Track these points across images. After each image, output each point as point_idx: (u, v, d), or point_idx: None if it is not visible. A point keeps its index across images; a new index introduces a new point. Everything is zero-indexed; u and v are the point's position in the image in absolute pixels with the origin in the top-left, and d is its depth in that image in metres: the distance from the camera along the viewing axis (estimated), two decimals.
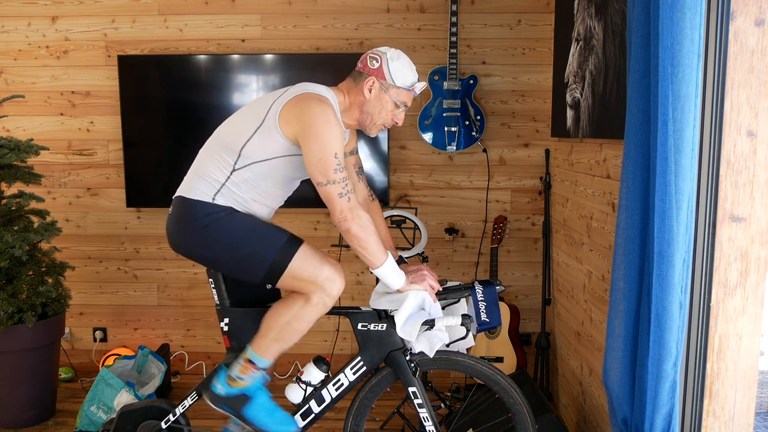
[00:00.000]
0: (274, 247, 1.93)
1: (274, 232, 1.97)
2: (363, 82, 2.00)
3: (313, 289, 1.93)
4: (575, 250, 2.74)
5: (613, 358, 1.79)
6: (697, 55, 1.46)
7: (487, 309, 2.08)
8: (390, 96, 2.00)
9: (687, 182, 1.50)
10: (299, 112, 1.89)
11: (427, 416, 2.07)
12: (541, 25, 3.25)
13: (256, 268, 1.94)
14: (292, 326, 1.95)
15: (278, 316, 1.97)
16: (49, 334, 2.89)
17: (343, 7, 3.28)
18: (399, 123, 2.08)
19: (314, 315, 1.95)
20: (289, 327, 1.96)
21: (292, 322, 1.95)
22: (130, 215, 3.49)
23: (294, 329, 1.96)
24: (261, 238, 1.94)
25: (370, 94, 2.01)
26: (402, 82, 1.99)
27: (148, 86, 3.27)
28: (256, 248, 1.93)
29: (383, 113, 2.03)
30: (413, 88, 2.02)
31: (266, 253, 1.93)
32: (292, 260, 1.93)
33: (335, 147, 1.86)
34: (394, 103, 2.01)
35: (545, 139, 3.33)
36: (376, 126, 2.06)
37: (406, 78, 2.00)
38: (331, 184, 1.86)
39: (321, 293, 1.93)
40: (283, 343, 1.98)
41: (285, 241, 1.95)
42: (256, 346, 2.00)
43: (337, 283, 1.95)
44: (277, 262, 1.93)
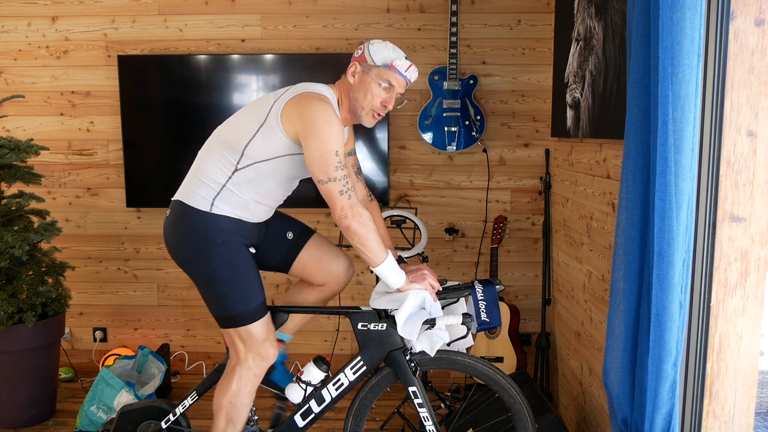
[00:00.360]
0: (246, 305, 2.00)
1: (253, 290, 2.02)
2: (348, 69, 2.03)
3: (246, 357, 2.04)
4: (575, 250, 2.74)
5: (613, 358, 1.79)
6: (697, 55, 1.46)
7: (487, 309, 2.08)
8: (371, 77, 1.99)
9: (687, 182, 1.50)
10: (300, 110, 1.90)
11: (427, 416, 2.07)
12: (541, 25, 3.25)
13: (219, 309, 2.02)
14: (235, 404, 2.06)
15: (220, 400, 2.08)
16: (49, 334, 2.89)
17: (343, 7, 3.28)
18: (389, 106, 2.02)
19: (250, 385, 2.06)
20: (232, 405, 2.06)
21: (233, 400, 2.05)
22: (130, 215, 3.49)
23: (237, 406, 2.06)
24: (239, 290, 1.99)
25: (354, 79, 2.02)
26: (381, 61, 1.98)
27: (148, 86, 3.27)
28: (231, 296, 1.99)
29: (368, 96, 2.00)
30: (393, 65, 1.98)
31: (235, 306, 1.99)
32: (250, 325, 2.01)
33: (336, 145, 1.87)
34: (378, 84, 1.98)
35: (545, 139, 3.33)
36: (365, 111, 2.02)
37: (385, 57, 1.98)
38: (332, 182, 1.87)
39: (255, 360, 2.04)
40: (235, 422, 2.08)
41: (257, 305, 2.02)
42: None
43: (267, 362, 2.06)
44: (237, 318, 2.00)
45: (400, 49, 2.02)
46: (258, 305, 2.01)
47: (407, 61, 2.00)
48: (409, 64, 2.00)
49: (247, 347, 2.03)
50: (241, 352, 2.03)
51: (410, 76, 2.02)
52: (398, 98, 2.06)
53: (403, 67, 1.99)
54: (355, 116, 2.06)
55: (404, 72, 2.00)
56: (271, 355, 2.05)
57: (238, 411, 2.07)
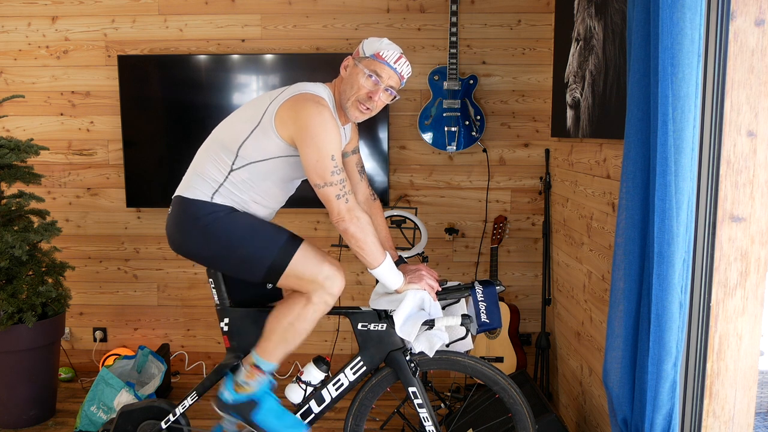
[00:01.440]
0: (275, 246, 1.93)
1: (274, 231, 1.97)
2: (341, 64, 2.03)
3: (314, 288, 1.93)
4: (575, 250, 2.74)
5: (613, 358, 1.79)
6: (697, 55, 1.46)
7: (487, 309, 2.08)
8: (360, 68, 1.97)
9: (687, 182, 1.50)
10: (295, 114, 1.88)
11: (427, 416, 2.07)
12: (541, 25, 3.25)
13: (257, 267, 1.94)
14: (295, 327, 1.95)
15: (281, 318, 1.97)
16: (49, 334, 2.89)
17: (343, 7, 3.28)
18: (374, 98, 1.96)
19: (316, 314, 1.95)
20: (292, 328, 1.95)
21: (295, 323, 1.95)
22: (130, 215, 3.49)
23: (297, 330, 1.96)
24: (261, 238, 1.94)
25: (345, 72, 2.01)
26: (370, 51, 1.97)
27: (148, 86, 3.27)
28: (257, 247, 1.93)
29: (354, 86, 1.96)
30: (379, 54, 1.94)
31: (266, 253, 1.92)
32: (292, 259, 1.93)
33: (332, 149, 1.85)
34: (364, 74, 1.95)
35: (545, 139, 3.33)
36: (350, 102, 1.98)
37: (374, 48, 1.97)
38: (329, 186, 1.86)
39: (322, 292, 1.93)
40: (287, 344, 1.98)
41: (285, 240, 1.95)
42: (261, 349, 2.00)
43: (337, 282, 1.95)
44: (277, 262, 1.92)
45: (396, 45, 1.99)
46: (287, 239, 1.94)
47: (396, 53, 1.96)
48: (398, 56, 1.96)
49: (308, 280, 1.93)
50: (308, 285, 1.93)
51: (401, 69, 1.97)
52: (388, 93, 2.00)
53: (391, 59, 1.95)
54: (344, 110, 2.02)
55: (392, 63, 1.95)
56: (336, 273, 1.94)
57: (295, 335, 1.96)
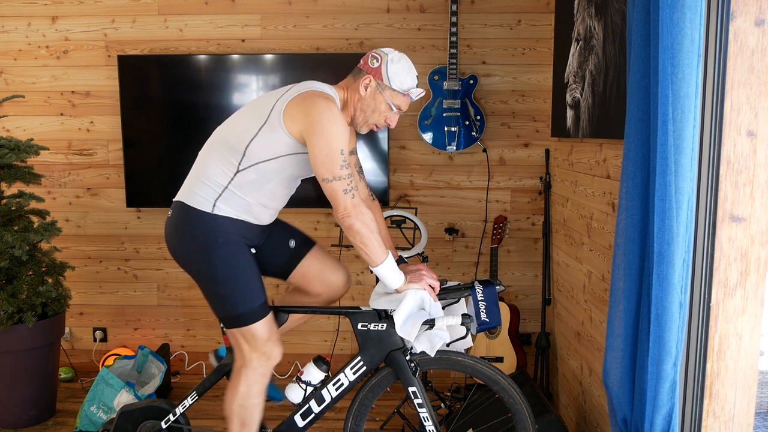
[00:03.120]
0: (250, 304, 1.99)
1: (255, 290, 2.01)
2: (360, 79, 2.01)
3: (251, 357, 2.03)
4: (575, 250, 2.74)
5: (613, 358, 1.79)
6: (697, 55, 1.46)
7: (487, 309, 2.08)
8: (384, 97, 2.00)
9: (687, 182, 1.50)
10: (305, 109, 1.89)
11: (427, 416, 2.07)
12: (541, 25, 3.25)
13: (225, 309, 2.00)
14: (245, 406, 2.06)
15: (230, 404, 2.07)
16: (49, 334, 2.89)
17: (343, 7, 3.28)
18: (392, 125, 2.08)
19: (258, 385, 2.05)
20: (243, 408, 2.06)
21: (243, 402, 2.05)
22: (130, 215, 3.49)
23: (248, 408, 2.06)
24: (242, 290, 1.99)
25: (365, 92, 2.01)
26: (398, 86, 1.99)
27: (148, 86, 3.27)
28: (233, 295, 1.98)
29: (376, 113, 2.03)
30: (408, 93, 2.01)
31: (240, 304, 1.98)
32: (253, 324, 2.00)
33: (341, 143, 1.87)
34: (389, 104, 2.01)
35: (545, 139, 3.33)
36: (367, 125, 2.06)
37: (403, 82, 1.99)
38: (337, 180, 1.86)
39: (260, 357, 2.02)
40: (249, 424, 2.07)
41: (260, 304, 2.01)
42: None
43: (272, 361, 2.05)
44: (242, 317, 1.99)
45: (413, 67, 2.03)
46: (260, 304, 2.01)
47: (420, 89, 2.03)
48: (421, 92, 2.04)
49: (252, 347, 2.02)
50: (246, 352, 2.03)
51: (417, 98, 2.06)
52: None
53: (416, 95, 2.03)
54: (353, 123, 2.08)
55: (415, 98, 2.04)
56: (275, 354, 2.04)
57: (249, 413, 2.06)
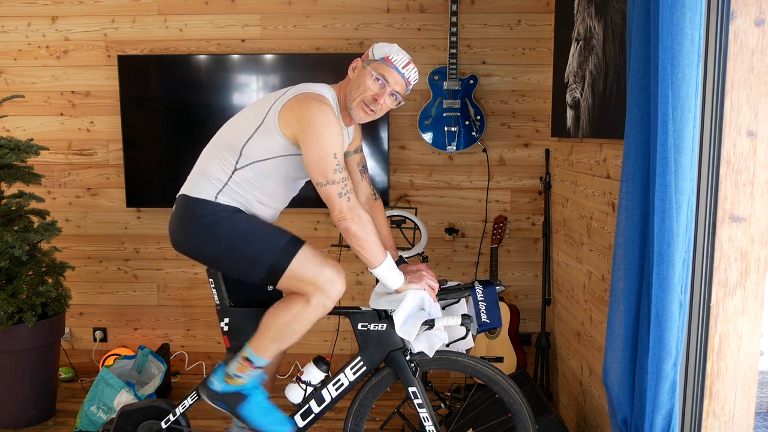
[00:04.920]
0: (276, 247, 1.93)
1: (275, 232, 1.97)
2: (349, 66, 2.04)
3: (313, 291, 1.92)
4: (575, 250, 2.74)
5: (613, 358, 1.79)
6: (697, 55, 1.46)
7: (487, 309, 2.08)
8: (368, 70, 1.98)
9: (687, 182, 1.50)
10: (298, 112, 1.90)
11: (427, 416, 2.07)
12: (541, 25, 3.25)
13: (257, 268, 1.94)
14: (291, 326, 1.95)
15: (277, 316, 1.97)
16: (49, 334, 2.89)
17: (343, 7, 3.28)
18: (380, 102, 1.98)
19: (313, 316, 1.95)
20: (288, 327, 1.95)
21: (291, 322, 1.94)
22: (130, 215, 3.49)
23: (293, 329, 1.96)
24: (262, 239, 1.94)
25: (353, 73, 2.03)
26: (379, 54, 1.99)
27: (148, 86, 3.27)
28: (258, 248, 1.93)
29: (361, 87, 1.98)
30: (388, 58, 1.97)
31: (267, 254, 1.92)
32: (292, 261, 1.92)
33: (334, 147, 1.87)
34: (372, 75, 1.97)
35: (545, 139, 3.33)
36: (355, 102, 1.99)
37: (384, 52, 1.99)
38: (331, 185, 1.87)
39: (321, 295, 1.92)
40: (281, 342, 1.98)
41: (286, 241, 1.95)
42: (255, 344, 2.00)
43: (337, 286, 1.94)
44: (277, 263, 1.92)
45: (402, 50, 2.01)
46: (288, 241, 1.94)
47: (405, 59, 1.98)
48: (407, 62, 1.99)
49: (308, 282, 1.91)
50: (307, 287, 1.91)
51: (408, 75, 1.99)
52: (393, 98, 2.01)
53: (400, 63, 1.97)
54: (349, 111, 2.04)
55: (401, 68, 1.97)
56: (336, 277, 1.93)
57: (290, 335, 1.96)
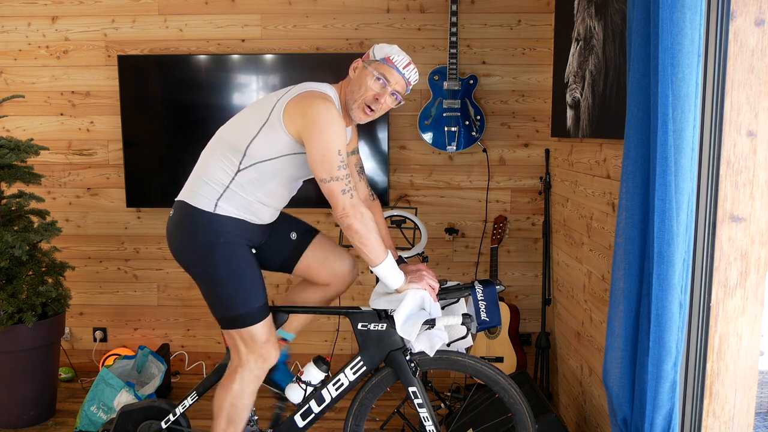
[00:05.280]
0: (248, 306, 1.99)
1: (255, 291, 2.01)
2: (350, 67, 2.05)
3: (248, 358, 2.03)
4: (575, 250, 2.74)
5: (613, 358, 1.79)
6: (697, 55, 1.46)
7: (487, 309, 2.08)
8: (369, 70, 1.98)
9: (687, 182, 1.50)
10: (303, 109, 1.90)
11: (427, 416, 2.07)
12: (541, 25, 3.25)
13: (223, 309, 2.01)
14: (236, 405, 2.06)
15: (221, 402, 2.07)
16: (49, 334, 2.89)
17: (343, 7, 3.28)
18: (381, 102, 1.98)
19: (251, 386, 2.06)
20: (234, 408, 2.06)
21: (235, 401, 2.06)
22: (130, 215, 3.49)
23: (238, 407, 2.06)
24: (243, 290, 1.99)
25: (354, 73, 2.03)
26: (380, 55, 1.99)
27: (148, 86, 3.27)
28: (234, 296, 1.98)
29: (362, 88, 1.98)
30: (389, 59, 1.97)
31: (237, 306, 1.99)
32: (251, 326, 2.00)
33: (338, 144, 1.87)
34: (375, 77, 1.97)
35: (545, 139, 3.33)
36: (356, 104, 2.00)
37: (385, 52, 1.99)
38: (335, 181, 1.87)
39: (257, 361, 2.03)
40: (236, 422, 2.08)
41: (259, 306, 2.01)
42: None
43: (269, 363, 2.05)
44: (239, 319, 2.00)
45: (402, 51, 2.01)
46: (260, 306, 2.01)
47: (406, 59, 1.99)
48: (407, 62, 1.99)
49: (249, 348, 2.02)
50: (243, 353, 2.03)
51: (409, 75, 2.00)
52: (394, 98, 2.01)
53: (401, 64, 1.98)
54: (349, 111, 2.04)
55: (401, 69, 1.98)
56: (272, 356, 2.05)
57: (239, 412, 2.07)
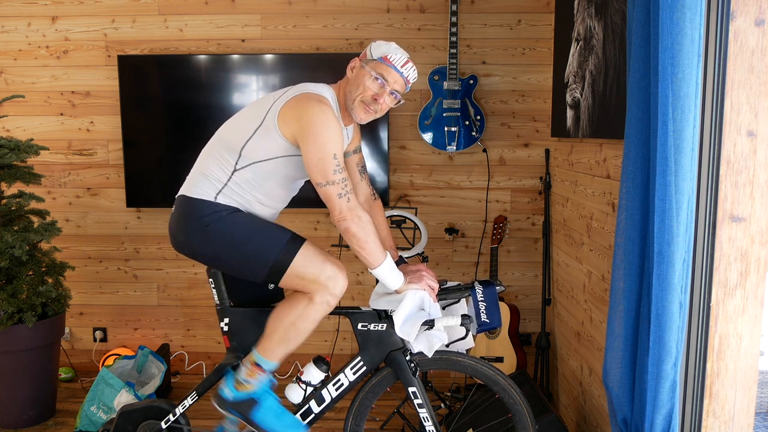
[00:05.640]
0: (277, 245, 1.93)
1: (276, 231, 1.97)
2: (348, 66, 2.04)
3: (316, 288, 1.93)
4: (575, 250, 2.74)
5: (613, 358, 1.79)
6: (697, 55, 1.46)
7: (487, 309, 2.08)
8: (366, 69, 1.98)
9: (687, 182, 1.50)
10: (298, 113, 1.89)
11: (427, 416, 2.07)
12: (541, 25, 3.25)
13: (259, 266, 1.94)
14: (297, 326, 1.95)
15: (282, 317, 1.97)
16: (49, 334, 2.89)
17: (343, 7, 3.28)
18: (380, 102, 1.98)
19: (318, 314, 1.95)
20: (294, 327, 1.95)
21: (297, 322, 1.95)
22: (130, 215, 3.49)
23: (299, 329, 1.96)
24: (263, 237, 1.94)
25: (351, 73, 2.02)
26: (378, 54, 1.98)
27: (148, 86, 3.27)
28: (259, 247, 1.93)
29: (360, 87, 1.98)
30: (387, 58, 1.96)
31: (269, 252, 1.92)
32: (294, 259, 1.92)
33: (334, 148, 1.86)
34: (371, 75, 1.96)
35: (545, 139, 3.33)
36: (355, 103, 1.99)
37: (382, 51, 1.98)
38: (331, 185, 1.86)
39: (324, 292, 1.93)
40: (288, 344, 1.98)
41: (287, 239, 1.95)
42: (262, 348, 2.00)
43: (340, 282, 1.94)
44: (279, 261, 1.92)
45: (399, 48, 2.01)
46: (289, 239, 1.94)
47: (404, 58, 1.98)
48: (405, 60, 1.98)
49: (310, 280, 1.92)
50: (310, 285, 1.92)
51: (407, 73, 1.99)
52: (393, 97, 2.01)
53: (399, 62, 1.97)
54: (349, 111, 2.04)
55: (399, 68, 1.97)
56: (338, 273, 1.94)
57: (297, 334, 1.96)
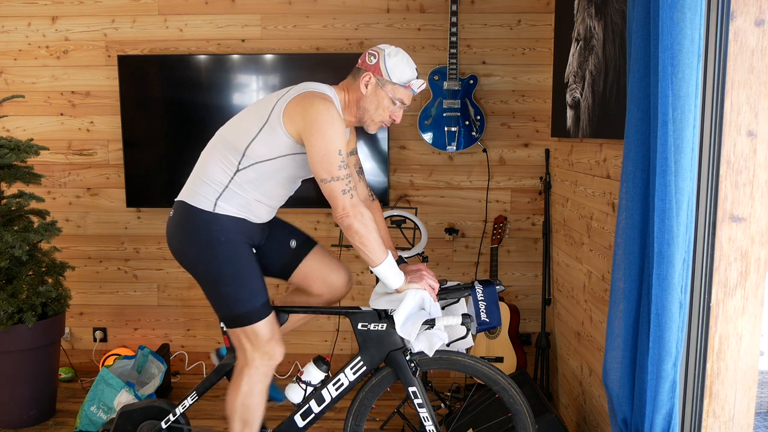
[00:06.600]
0: (251, 303, 1.99)
1: (257, 289, 2.01)
2: (360, 77, 2.01)
3: (253, 356, 2.03)
4: (575, 250, 2.74)
5: (613, 358, 1.79)
6: (697, 55, 1.46)
7: (487, 309, 2.08)
8: (386, 92, 2.00)
9: (687, 182, 1.50)
10: (303, 110, 1.90)
11: (427, 416, 2.07)
12: (541, 25, 3.25)
13: (225, 308, 2.01)
14: (246, 405, 2.06)
15: (231, 403, 2.07)
16: (49, 334, 2.89)
17: (343, 7, 3.28)
18: (397, 120, 2.07)
19: (259, 384, 2.05)
20: (244, 408, 2.06)
21: (245, 401, 2.05)
22: (130, 215, 3.49)
23: (249, 407, 2.06)
24: (244, 288, 1.99)
25: (366, 90, 2.02)
26: (398, 79, 1.99)
27: (148, 86, 3.27)
28: (236, 294, 1.99)
29: (380, 110, 2.02)
30: (409, 85, 2.00)
31: (241, 304, 1.99)
32: (255, 324, 2.00)
33: (339, 144, 1.87)
34: (391, 99, 2.01)
35: (545, 139, 3.33)
36: (374, 123, 2.06)
37: (402, 74, 1.99)
38: (335, 181, 1.87)
39: (263, 359, 2.03)
40: (250, 423, 2.07)
41: (261, 303, 2.01)
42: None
43: (274, 360, 2.05)
44: (244, 316, 2.00)
45: (411, 60, 2.03)
46: (262, 304, 2.02)
47: (420, 80, 2.03)
48: (422, 83, 2.04)
49: (254, 346, 2.02)
50: (248, 351, 2.03)
51: (419, 90, 2.06)
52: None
53: (417, 86, 2.03)
54: (360, 123, 2.08)
55: (417, 89, 2.04)
56: (277, 353, 2.05)
57: (251, 412, 2.06)
